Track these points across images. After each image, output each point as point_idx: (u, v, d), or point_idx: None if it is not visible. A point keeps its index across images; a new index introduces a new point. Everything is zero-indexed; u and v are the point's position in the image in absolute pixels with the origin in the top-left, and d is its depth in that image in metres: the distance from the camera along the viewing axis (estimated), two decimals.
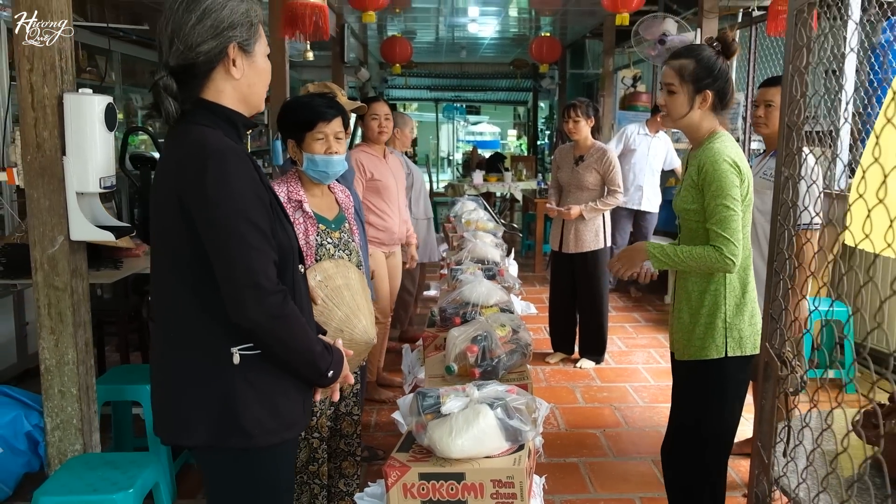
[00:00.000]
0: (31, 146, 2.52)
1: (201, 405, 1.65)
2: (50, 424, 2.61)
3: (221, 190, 1.53)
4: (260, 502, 1.78)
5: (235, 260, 1.53)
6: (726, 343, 2.40)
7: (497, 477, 1.75)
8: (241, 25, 1.63)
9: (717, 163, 2.32)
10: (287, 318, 1.60)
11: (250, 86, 1.68)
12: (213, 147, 1.56)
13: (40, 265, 2.55)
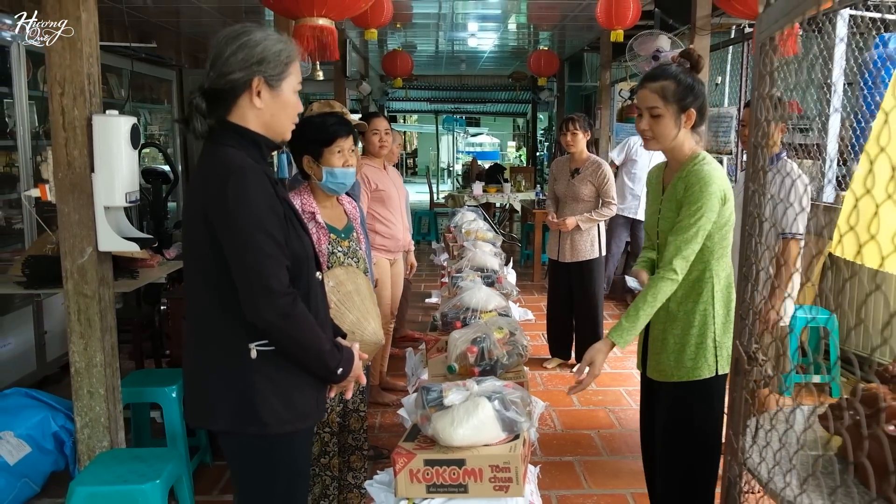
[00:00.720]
0: (62, 164, 2.72)
1: (223, 395, 1.84)
2: (80, 423, 2.80)
3: (240, 203, 1.72)
4: (277, 486, 1.95)
5: (251, 265, 1.72)
6: (717, 361, 2.45)
7: (495, 462, 1.94)
8: (270, 62, 1.81)
9: (708, 185, 2.36)
10: (297, 317, 1.78)
11: (273, 116, 1.86)
12: (235, 165, 1.75)
13: (70, 274, 2.75)
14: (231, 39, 1.81)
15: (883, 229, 1.38)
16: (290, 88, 1.87)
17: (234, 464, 1.99)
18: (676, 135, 2.46)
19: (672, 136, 2.45)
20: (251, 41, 1.81)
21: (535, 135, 17.26)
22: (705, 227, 2.37)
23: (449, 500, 1.96)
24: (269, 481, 1.95)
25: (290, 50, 1.87)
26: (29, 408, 3.30)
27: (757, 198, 1.84)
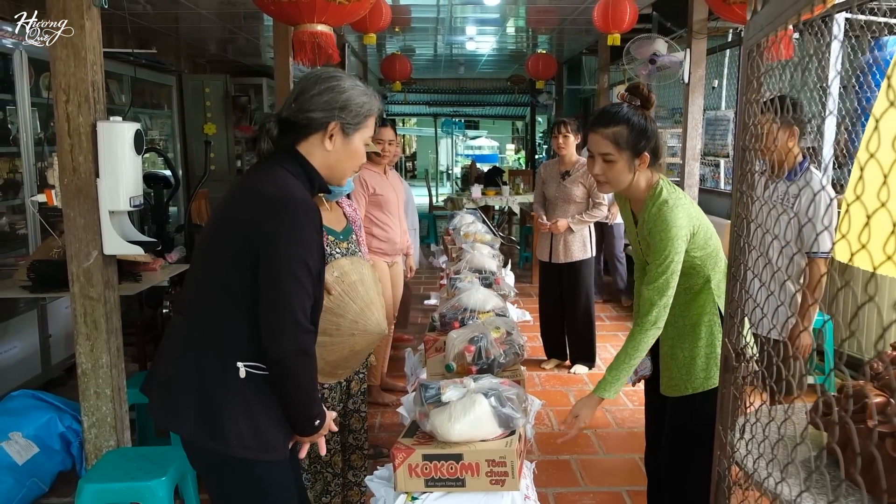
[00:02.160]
0: (67, 170, 2.78)
1: (193, 401, 1.83)
2: (87, 422, 2.86)
3: (292, 236, 1.75)
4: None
5: (286, 294, 1.74)
6: (705, 377, 2.48)
7: (491, 457, 2.00)
8: (351, 111, 1.89)
9: (668, 231, 2.35)
10: (310, 357, 1.81)
11: (338, 161, 1.93)
12: (295, 197, 1.79)
13: (76, 277, 2.81)
14: (321, 80, 1.89)
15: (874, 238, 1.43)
16: (360, 139, 1.95)
17: (201, 475, 1.98)
18: (632, 179, 2.45)
19: (626, 181, 2.45)
20: (339, 87, 1.89)
21: (533, 138, 17.33)
22: (676, 269, 2.37)
23: (447, 494, 2.02)
24: (234, 500, 1.93)
25: (372, 105, 1.95)
26: (36, 409, 3.37)
27: (745, 199, 1.90)
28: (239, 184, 1.97)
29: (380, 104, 1.99)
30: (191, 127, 8.88)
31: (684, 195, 2.50)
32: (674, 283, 2.38)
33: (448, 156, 23.53)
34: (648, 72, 6.92)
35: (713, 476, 2.04)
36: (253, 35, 8.81)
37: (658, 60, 6.81)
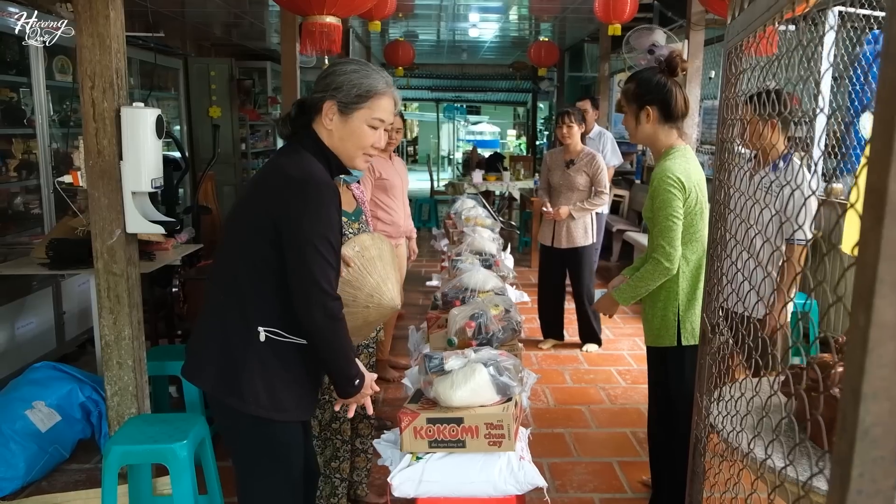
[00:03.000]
0: (92, 152, 2.95)
1: (216, 359, 2.02)
2: (110, 391, 3.04)
3: (313, 213, 1.91)
4: (260, 466, 2.11)
5: (312, 268, 1.90)
6: (679, 333, 2.78)
7: (489, 420, 2.18)
8: (343, 91, 2.01)
9: (662, 180, 2.69)
10: (340, 321, 1.97)
11: (340, 139, 2.05)
12: (316, 178, 1.95)
13: (101, 254, 2.98)
14: (334, 65, 2.06)
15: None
16: (362, 119, 2.03)
17: (221, 431, 2.16)
18: (637, 128, 2.78)
19: (631, 129, 2.81)
20: (340, 70, 2.04)
21: (535, 124, 17.45)
22: (674, 213, 2.67)
23: (449, 454, 2.21)
24: (251, 457, 2.11)
25: (372, 85, 2.03)
26: (57, 380, 3.55)
27: (724, 189, 2.07)
28: (267, 166, 2.13)
29: (386, 87, 2.05)
30: (196, 110, 9.02)
31: (693, 163, 2.78)
32: (674, 224, 2.68)
33: (450, 141, 23.64)
34: (647, 62, 7.06)
35: (692, 439, 2.22)
36: (258, 19, 8.95)
37: (657, 51, 6.95)
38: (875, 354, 0.72)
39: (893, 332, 0.71)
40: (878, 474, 0.76)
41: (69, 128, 5.48)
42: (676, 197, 2.68)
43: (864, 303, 0.73)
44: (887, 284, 0.70)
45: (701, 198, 2.76)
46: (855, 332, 0.75)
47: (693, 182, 2.73)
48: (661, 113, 2.74)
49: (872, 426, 0.75)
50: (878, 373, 0.73)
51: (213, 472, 3.00)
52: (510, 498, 2.25)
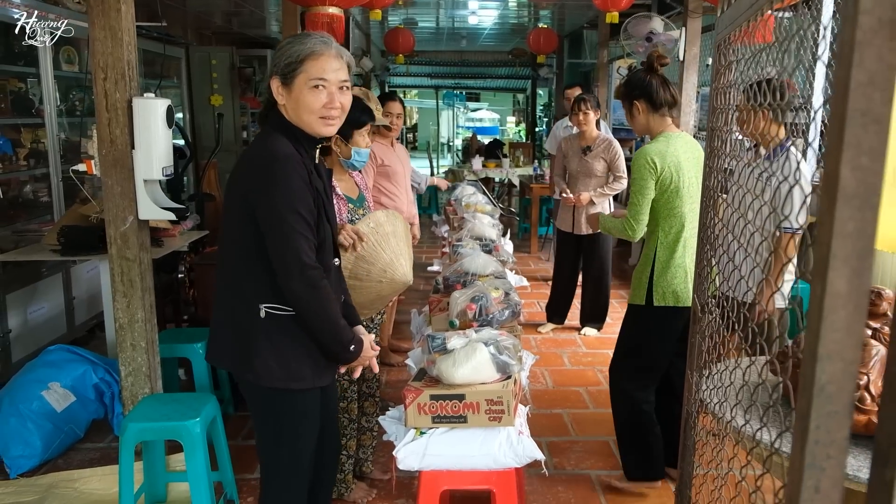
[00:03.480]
0: (105, 142, 3.04)
1: (230, 341, 2.15)
2: (124, 372, 3.15)
3: (279, 187, 2.00)
4: (281, 434, 2.21)
5: (286, 241, 2.00)
6: (651, 294, 3.12)
7: (490, 397, 2.29)
8: (280, 64, 2.08)
9: (637, 160, 3.07)
10: (322, 289, 2.05)
11: (294, 110, 2.10)
12: (279, 153, 2.04)
13: (114, 240, 3.08)
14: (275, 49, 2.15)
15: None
16: (303, 83, 2.06)
17: (248, 404, 2.27)
18: (634, 122, 3.20)
19: (632, 124, 3.23)
20: (278, 47, 2.12)
21: (534, 111, 17.49)
22: (643, 192, 3.07)
23: (451, 429, 2.32)
24: (271, 426, 2.22)
25: (301, 48, 2.06)
26: (72, 362, 3.66)
27: (714, 175, 2.18)
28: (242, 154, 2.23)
29: (320, 46, 2.07)
30: (198, 98, 9.09)
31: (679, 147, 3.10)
32: (640, 202, 3.08)
33: (449, 128, 23.68)
34: (645, 50, 7.14)
35: (683, 413, 2.33)
36: (258, 7, 9.00)
37: (655, 38, 7.03)
38: (829, 320, 0.83)
39: (845, 301, 0.82)
40: (832, 427, 0.87)
41: (76, 117, 5.56)
42: (646, 176, 3.05)
43: (820, 275, 0.83)
44: (839, 259, 0.81)
45: (677, 178, 3.05)
46: (812, 301, 0.85)
47: (668, 163, 3.04)
48: (649, 104, 3.12)
49: (827, 384, 0.85)
50: (832, 336, 0.83)
51: (225, 450, 3.12)
52: (510, 470, 2.37)
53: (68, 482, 3.35)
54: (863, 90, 0.71)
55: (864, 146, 0.74)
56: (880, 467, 0.76)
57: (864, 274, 0.80)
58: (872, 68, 0.70)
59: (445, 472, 2.36)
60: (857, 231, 0.78)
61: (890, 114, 0.72)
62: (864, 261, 0.79)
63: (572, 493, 3.31)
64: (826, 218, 0.81)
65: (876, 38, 0.69)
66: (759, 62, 1.75)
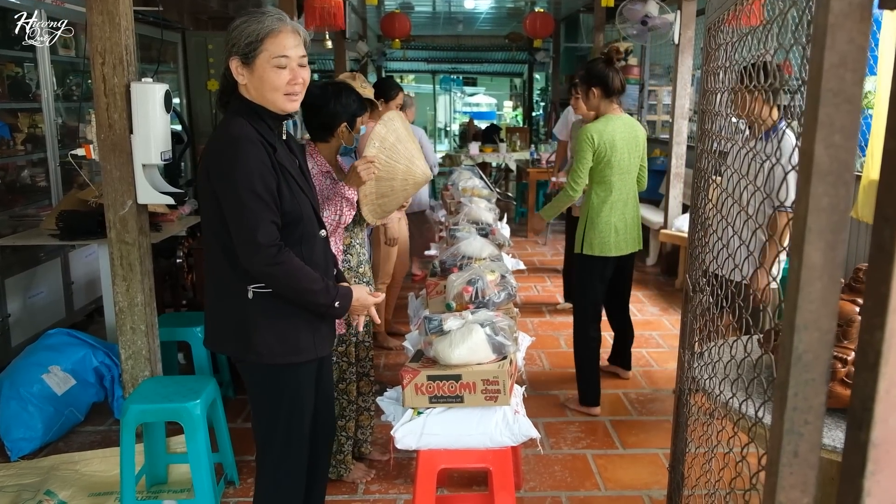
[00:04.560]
0: (104, 126, 3.07)
1: (227, 326, 2.18)
2: (124, 355, 3.19)
3: (234, 167, 2.00)
4: (280, 410, 2.25)
5: (241, 221, 2.01)
6: (582, 245, 3.88)
7: (486, 377, 2.33)
8: (239, 44, 2.05)
9: (581, 135, 3.77)
10: (282, 264, 2.06)
11: (256, 89, 2.09)
12: (235, 134, 2.03)
13: (113, 224, 3.11)
14: (229, 28, 2.10)
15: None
16: (265, 62, 2.04)
17: (247, 386, 2.30)
18: (589, 103, 3.90)
19: (585, 104, 3.98)
20: (233, 27, 2.07)
21: (531, 95, 17.48)
22: (583, 161, 3.76)
23: (448, 409, 2.36)
24: (272, 404, 2.25)
25: (260, 28, 2.03)
26: (72, 345, 3.70)
27: (704, 157, 2.21)
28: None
29: (278, 23, 2.05)
30: (195, 83, 9.08)
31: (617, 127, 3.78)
32: (580, 168, 3.77)
33: (446, 113, 23.66)
34: (639, 33, 7.15)
35: (676, 391, 2.38)
36: None
37: (650, 21, 7.04)
38: (805, 291, 0.86)
39: (820, 273, 0.86)
40: (809, 393, 0.90)
41: (73, 102, 5.58)
42: (586, 148, 3.74)
43: (797, 249, 0.87)
44: (815, 233, 0.84)
45: (610, 153, 3.74)
46: (791, 274, 0.89)
47: (605, 140, 3.72)
48: (603, 91, 3.79)
49: (804, 353, 0.89)
50: (808, 307, 0.87)
51: (225, 432, 3.16)
52: (506, 449, 2.41)
53: (69, 464, 3.39)
54: (835, 71, 0.75)
55: (836, 125, 0.77)
56: (855, 430, 0.79)
57: (839, 247, 0.84)
58: (844, 50, 0.74)
59: (443, 451, 2.40)
60: (830, 206, 0.82)
61: (861, 93, 0.75)
62: (837, 234, 0.82)
63: (568, 472, 3.36)
64: (802, 194, 0.85)
65: (847, 20, 0.73)
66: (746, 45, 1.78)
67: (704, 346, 2.04)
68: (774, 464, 0.93)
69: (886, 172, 0.70)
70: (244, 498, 3.17)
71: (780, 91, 3.21)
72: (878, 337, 0.70)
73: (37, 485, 3.21)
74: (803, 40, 1.07)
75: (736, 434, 1.44)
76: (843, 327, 1.68)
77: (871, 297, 0.72)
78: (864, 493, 0.73)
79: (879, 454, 0.73)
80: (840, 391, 1.61)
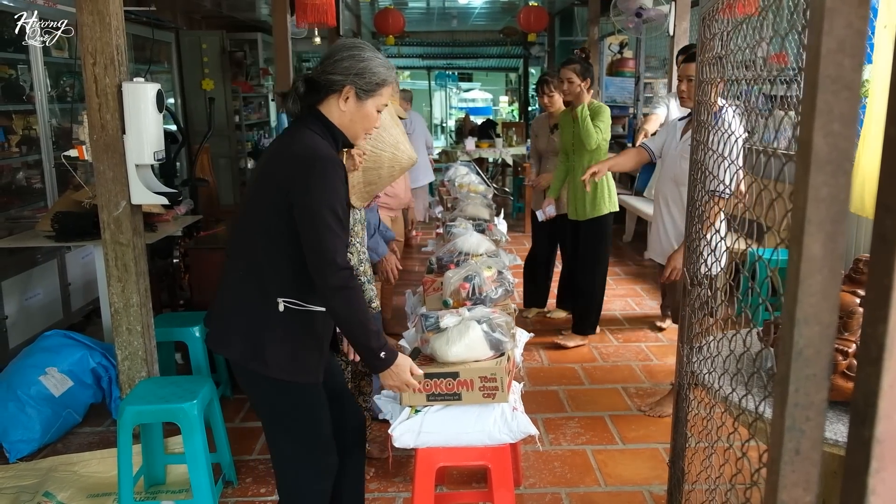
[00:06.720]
0: (96, 127, 3.04)
1: (242, 329, 2.15)
2: (120, 356, 3.17)
3: (321, 188, 2.02)
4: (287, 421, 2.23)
5: (322, 242, 2.02)
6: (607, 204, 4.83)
7: (483, 374, 2.31)
8: (365, 78, 2.13)
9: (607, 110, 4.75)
10: (354, 289, 2.08)
11: (352, 121, 2.18)
12: (322, 154, 2.07)
13: (107, 225, 3.09)
14: (346, 49, 2.16)
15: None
16: (373, 105, 2.18)
17: (248, 395, 2.29)
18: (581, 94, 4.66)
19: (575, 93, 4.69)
20: (359, 56, 2.14)
21: (527, 90, 17.43)
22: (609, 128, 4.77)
23: (445, 407, 2.35)
24: (277, 413, 2.24)
25: (387, 76, 2.18)
26: (69, 347, 3.68)
27: (700, 148, 2.19)
28: (274, 145, 2.24)
29: (393, 76, 2.22)
30: (189, 83, 9.06)
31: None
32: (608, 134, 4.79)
33: (442, 109, 23.62)
34: (634, 25, 7.12)
35: (675, 384, 2.36)
36: None
37: (644, 13, 7.01)
38: (805, 284, 0.85)
39: (820, 265, 0.84)
40: (811, 389, 0.89)
41: (67, 103, 5.55)
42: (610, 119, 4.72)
43: (796, 241, 0.85)
44: (814, 224, 0.82)
45: None
46: (790, 266, 0.87)
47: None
48: (591, 83, 4.66)
49: (805, 348, 0.87)
50: (809, 300, 0.85)
51: (222, 432, 3.15)
52: (505, 446, 2.40)
53: (67, 465, 3.37)
54: (833, 57, 0.73)
55: (835, 112, 0.75)
56: (858, 426, 0.78)
57: (839, 238, 0.82)
58: (842, 35, 0.72)
59: (441, 449, 2.38)
60: (830, 196, 0.80)
61: (860, 80, 0.73)
62: (837, 225, 0.81)
63: (568, 468, 3.35)
64: (801, 184, 0.83)
65: (845, 5, 0.71)
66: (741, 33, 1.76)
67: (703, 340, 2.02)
68: (776, 461, 0.91)
69: (887, 161, 0.68)
70: (242, 498, 3.16)
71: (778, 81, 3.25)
72: (881, 330, 0.69)
73: (35, 486, 3.20)
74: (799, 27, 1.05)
75: (736, 429, 1.43)
76: (844, 319, 1.66)
77: (874, 289, 0.70)
78: (869, 490, 0.71)
79: (884, 451, 0.71)
80: (841, 384, 1.59)
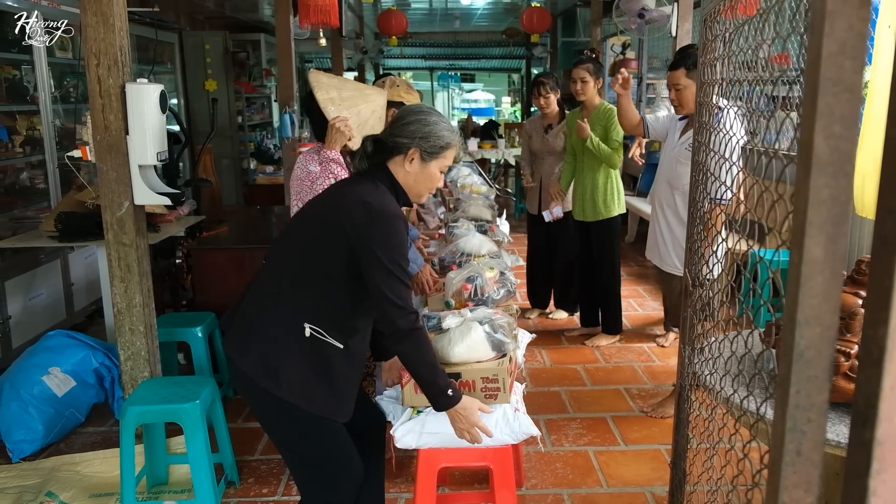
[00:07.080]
0: (99, 128, 3.05)
1: (263, 344, 2.16)
2: (123, 356, 3.18)
3: (390, 243, 2.10)
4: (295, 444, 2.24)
5: (390, 288, 2.08)
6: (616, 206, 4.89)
7: (485, 375, 2.31)
8: (430, 141, 2.23)
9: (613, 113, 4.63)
10: (420, 331, 2.15)
11: (416, 181, 2.27)
12: (393, 210, 2.14)
13: (110, 225, 3.10)
14: (414, 113, 2.28)
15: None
16: (437, 166, 2.28)
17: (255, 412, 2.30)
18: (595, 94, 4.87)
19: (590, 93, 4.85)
20: (425, 120, 2.25)
21: (529, 91, 17.41)
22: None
23: None
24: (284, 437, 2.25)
25: (451, 139, 2.28)
26: (72, 347, 3.69)
27: (702, 150, 2.19)
28: (343, 188, 2.29)
29: (456, 139, 2.31)
30: (192, 83, 9.07)
31: None
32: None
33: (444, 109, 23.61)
34: (637, 26, 7.13)
35: (677, 385, 2.36)
36: None
37: (647, 14, 7.01)
38: (807, 286, 0.85)
39: (821, 267, 0.84)
40: (812, 391, 0.89)
41: (71, 104, 5.56)
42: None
43: (797, 242, 0.85)
44: (815, 226, 0.83)
45: None
46: (791, 268, 0.87)
47: None
48: (602, 83, 4.85)
49: (806, 349, 0.87)
50: (810, 302, 0.85)
51: (225, 432, 3.15)
52: (506, 447, 2.40)
53: (70, 465, 3.38)
54: (834, 59, 0.73)
55: (836, 114, 0.75)
56: (859, 428, 0.78)
57: (840, 240, 0.82)
58: (843, 37, 0.72)
59: (443, 449, 2.39)
60: (831, 198, 0.80)
61: (861, 82, 0.74)
62: (839, 227, 0.81)
63: (570, 469, 3.35)
64: (801, 186, 0.83)
65: (846, 7, 0.71)
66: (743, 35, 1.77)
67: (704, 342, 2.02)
68: (777, 463, 0.91)
69: (888, 163, 0.68)
70: (244, 498, 3.16)
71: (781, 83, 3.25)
72: (881, 332, 0.69)
73: (38, 486, 3.20)
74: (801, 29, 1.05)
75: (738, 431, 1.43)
76: (846, 320, 1.66)
77: (875, 291, 0.70)
78: (870, 492, 0.71)
79: (885, 452, 0.71)
80: (843, 385, 1.59)
